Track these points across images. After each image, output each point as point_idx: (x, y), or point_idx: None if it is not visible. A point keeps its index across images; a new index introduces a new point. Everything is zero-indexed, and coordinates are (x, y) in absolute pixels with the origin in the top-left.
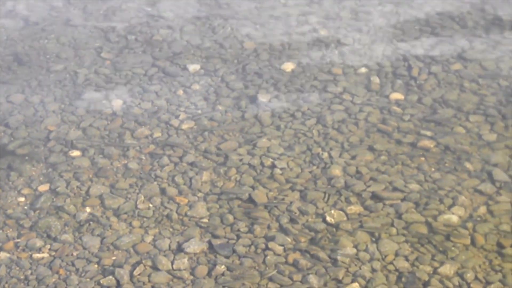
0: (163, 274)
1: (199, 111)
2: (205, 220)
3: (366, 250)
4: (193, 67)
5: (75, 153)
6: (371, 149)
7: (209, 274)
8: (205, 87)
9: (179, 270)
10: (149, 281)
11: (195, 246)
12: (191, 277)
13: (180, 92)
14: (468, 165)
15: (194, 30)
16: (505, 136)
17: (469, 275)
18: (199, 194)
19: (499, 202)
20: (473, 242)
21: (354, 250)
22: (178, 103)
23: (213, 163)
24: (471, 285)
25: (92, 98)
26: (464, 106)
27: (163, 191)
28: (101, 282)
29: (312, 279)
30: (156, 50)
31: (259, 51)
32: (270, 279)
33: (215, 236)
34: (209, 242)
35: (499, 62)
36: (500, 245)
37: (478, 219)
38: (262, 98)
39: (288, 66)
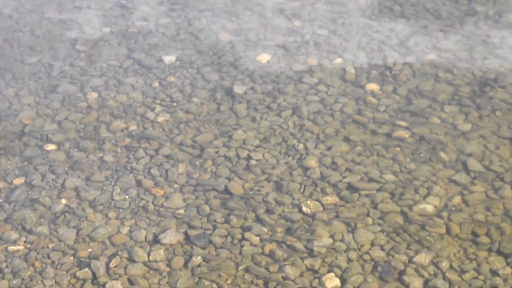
0: (139, 265)
1: (175, 104)
2: (181, 211)
3: (342, 240)
4: (169, 59)
5: (51, 146)
6: (346, 140)
7: (185, 265)
8: (180, 79)
9: (156, 261)
10: (125, 273)
11: (171, 237)
12: (168, 268)
13: (156, 84)
14: (443, 155)
15: (169, 22)
16: (480, 126)
17: (444, 264)
18: (175, 186)
19: (473, 192)
20: (448, 231)
21: (330, 240)
22: (153, 95)
23: (189, 155)
24: (446, 273)
25: (67, 91)
26: (439, 96)
27: (139, 183)
28: (77, 274)
29: (289, 269)
30: (132, 42)
31: (235, 42)
32: (247, 270)
33: (192, 227)
34: (186, 233)
35: (473, 52)
36: (475, 234)
37: (453, 208)
38: (238, 89)
39: (264, 57)
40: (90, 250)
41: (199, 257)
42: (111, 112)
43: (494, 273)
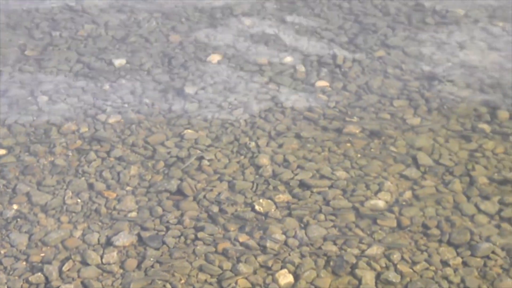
0: (93, 268)
1: (126, 105)
2: (134, 213)
3: (295, 237)
4: (119, 62)
5: (1, 151)
6: (298, 136)
7: (138, 267)
8: (131, 81)
9: (109, 264)
10: (78, 276)
11: (124, 239)
12: (121, 270)
13: (106, 86)
14: (393, 150)
15: (119, 25)
16: (429, 120)
17: (396, 256)
18: (128, 188)
19: (424, 186)
20: (399, 225)
21: (283, 237)
22: (104, 97)
23: (141, 157)
24: (398, 265)
25: (16, 95)
26: (388, 91)
27: (91, 186)
28: (30, 279)
29: (242, 267)
30: (81, 46)
31: (185, 44)
32: (200, 269)
33: (144, 229)
34: (139, 235)
35: (421, 47)
36: (426, 226)
37: (404, 203)
38: (189, 90)
39: (214, 58)
40: (42, 254)
41: (152, 258)
42: (62, 114)
43: (445, 263)
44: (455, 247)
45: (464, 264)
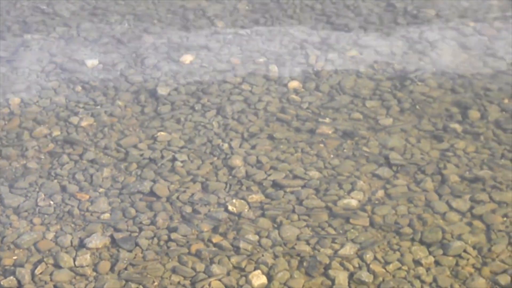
0: (65, 271)
1: (99, 107)
2: (107, 215)
3: (268, 237)
4: (91, 62)
5: None
6: (271, 138)
7: (112, 269)
8: (104, 82)
9: (82, 266)
10: (51, 279)
11: (97, 241)
12: (94, 273)
13: (79, 88)
14: (366, 150)
15: (91, 27)
16: (401, 120)
17: (369, 256)
18: (101, 190)
19: (396, 185)
20: (372, 224)
21: (256, 237)
22: (77, 99)
23: (114, 159)
24: (371, 265)
25: None
26: (361, 92)
27: (63, 189)
28: (2, 283)
29: (215, 268)
30: (53, 47)
31: (158, 44)
32: (173, 271)
33: (118, 230)
34: (112, 237)
35: (393, 47)
36: (398, 225)
37: (376, 202)
38: (162, 91)
39: (187, 58)
40: (15, 257)
41: (126, 260)
42: (34, 117)
43: (417, 262)
44: (427, 246)
45: (436, 263)
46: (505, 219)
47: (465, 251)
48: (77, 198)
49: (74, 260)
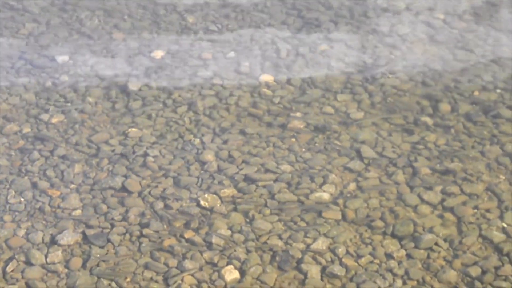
0: (37, 268)
1: (69, 104)
2: (79, 211)
3: (240, 232)
4: (62, 58)
5: None
6: (242, 133)
7: (83, 265)
8: (74, 78)
9: (53, 263)
10: (22, 277)
11: (68, 237)
12: (66, 270)
13: (49, 84)
14: (337, 144)
15: (61, 23)
16: (372, 114)
17: (341, 250)
18: (72, 186)
19: (368, 178)
20: (344, 217)
21: (229, 232)
22: (47, 96)
23: (85, 155)
24: (343, 259)
25: None
26: (332, 85)
27: (34, 185)
28: None
29: (188, 264)
30: (23, 43)
31: (128, 40)
32: (146, 267)
33: (89, 227)
34: (83, 233)
35: (364, 41)
36: (370, 218)
37: (348, 195)
38: (132, 86)
39: (158, 54)
40: None
41: (98, 257)
42: (4, 115)
43: (389, 256)
44: (399, 239)
45: (408, 256)
46: (475, 211)
47: (436, 243)
48: (48, 195)
49: (46, 257)
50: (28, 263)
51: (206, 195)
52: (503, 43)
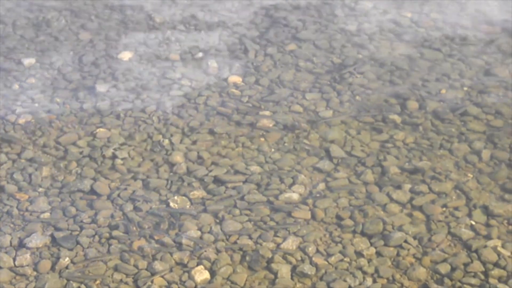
0: (5, 272)
1: (36, 105)
2: (47, 214)
3: (210, 232)
4: (28, 61)
5: None
6: (211, 132)
7: (52, 268)
8: (41, 80)
9: (22, 266)
10: None
11: (37, 240)
12: (35, 272)
13: (16, 86)
14: (306, 143)
15: (27, 24)
16: (341, 112)
17: (311, 249)
18: (40, 189)
19: (337, 178)
20: (313, 217)
21: (199, 233)
22: (14, 97)
23: (53, 158)
24: (313, 258)
25: None
26: (300, 85)
27: (2, 189)
28: None
29: (158, 265)
30: None
31: (95, 41)
32: (116, 269)
33: (58, 229)
34: (52, 236)
35: (332, 40)
36: (339, 218)
37: (318, 195)
38: (100, 88)
39: (125, 55)
40: None
41: (67, 259)
42: None
43: (359, 254)
44: (369, 238)
45: (378, 254)
46: (444, 209)
47: (405, 241)
48: (16, 198)
49: (14, 260)
50: None
51: (175, 197)
52: (470, 42)
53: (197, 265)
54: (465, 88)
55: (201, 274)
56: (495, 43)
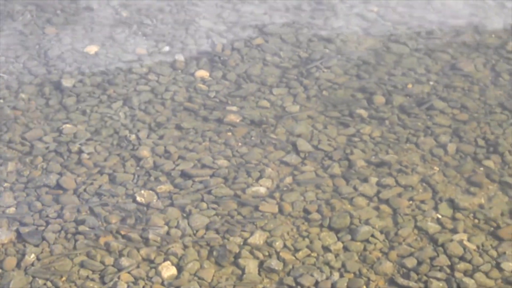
0: None
1: (1, 100)
2: (12, 209)
3: (177, 227)
4: None
5: None
6: (178, 128)
7: (18, 265)
8: (6, 74)
9: None
10: None
11: (2, 236)
12: (0, 270)
13: None
14: (273, 138)
15: None
16: (307, 107)
17: (278, 243)
18: (5, 185)
19: (304, 171)
20: (281, 210)
21: (166, 228)
22: None
23: (18, 153)
24: (280, 253)
25: None
26: (268, 79)
27: None
28: None
29: (124, 261)
30: None
31: (61, 35)
32: (82, 266)
33: (23, 224)
34: (17, 231)
35: (298, 35)
36: (307, 211)
37: (285, 189)
38: (66, 83)
39: (92, 49)
40: None
41: (32, 255)
42: None
43: (326, 249)
44: (336, 232)
45: (345, 248)
46: (411, 202)
47: (372, 235)
48: None
49: None
50: None
51: (142, 191)
52: (436, 36)
53: (164, 260)
54: (431, 83)
55: (168, 270)
56: (461, 38)
